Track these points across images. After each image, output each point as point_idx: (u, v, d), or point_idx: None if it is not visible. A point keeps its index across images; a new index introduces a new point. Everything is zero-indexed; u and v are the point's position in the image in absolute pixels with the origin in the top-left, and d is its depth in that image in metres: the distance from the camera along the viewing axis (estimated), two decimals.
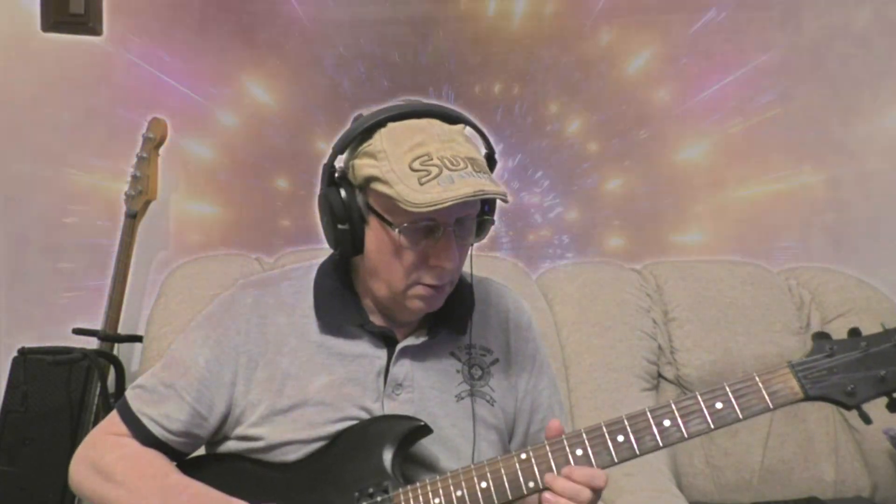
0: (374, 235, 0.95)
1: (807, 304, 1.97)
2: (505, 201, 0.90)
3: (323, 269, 1.07)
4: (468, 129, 0.98)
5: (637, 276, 1.99)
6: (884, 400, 0.86)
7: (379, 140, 0.91)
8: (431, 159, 0.88)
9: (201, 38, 2.07)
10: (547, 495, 0.85)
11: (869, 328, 0.88)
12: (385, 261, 0.95)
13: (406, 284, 0.95)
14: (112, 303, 1.89)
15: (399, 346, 1.01)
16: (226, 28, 2.09)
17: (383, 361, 1.01)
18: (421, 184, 0.86)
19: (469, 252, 1.03)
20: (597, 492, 0.86)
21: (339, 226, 0.95)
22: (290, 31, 2.11)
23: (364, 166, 0.92)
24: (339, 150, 0.96)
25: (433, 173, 0.87)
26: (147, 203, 1.95)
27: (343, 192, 0.95)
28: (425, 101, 0.97)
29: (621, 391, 1.75)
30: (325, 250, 1.10)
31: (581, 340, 1.83)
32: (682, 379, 1.85)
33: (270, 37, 2.11)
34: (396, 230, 0.91)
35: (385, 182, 0.89)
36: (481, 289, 1.11)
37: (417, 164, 0.88)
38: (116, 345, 1.91)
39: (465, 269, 1.08)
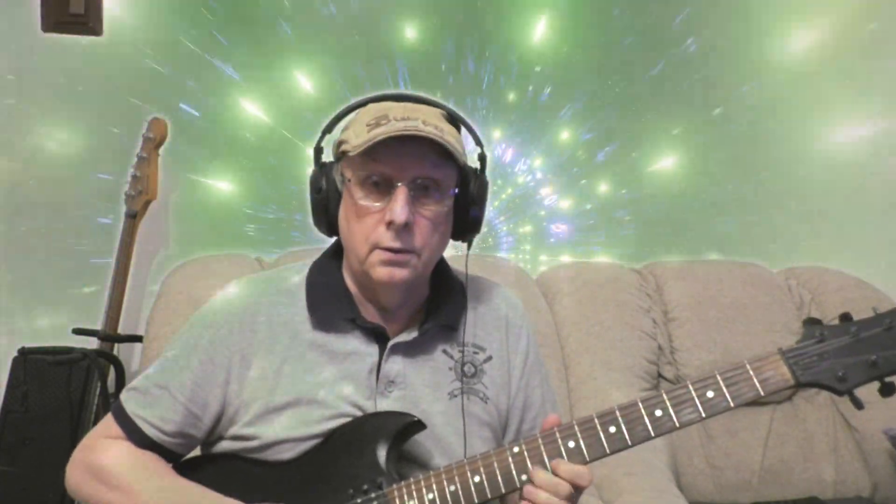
0: (344, 204, 0.99)
1: (807, 304, 1.97)
2: (443, 146, 0.91)
3: (316, 266, 1.07)
4: (462, 130, 1.02)
5: (637, 276, 1.99)
6: (878, 396, 0.84)
7: (356, 116, 0.99)
8: (387, 117, 0.93)
9: (202, 37, 2.07)
10: (528, 486, 0.86)
11: None
12: (350, 226, 0.97)
13: (367, 248, 0.96)
14: (112, 302, 1.89)
15: (390, 343, 1.01)
16: (227, 28, 2.08)
17: (375, 358, 1.00)
18: (367, 132, 0.92)
19: (466, 251, 1.06)
20: (579, 489, 0.86)
21: (314, 195, 1.01)
22: (297, 32, 2.11)
23: (339, 138, 0.99)
24: (326, 131, 1.02)
25: (381, 124, 0.92)
26: (147, 203, 1.95)
27: (324, 169, 1.01)
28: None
29: (621, 391, 1.75)
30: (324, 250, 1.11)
31: (581, 340, 1.83)
32: (682, 379, 1.85)
33: (272, 36, 2.10)
34: (353, 184, 0.95)
35: (346, 141, 0.96)
36: (474, 287, 1.11)
37: (371, 121, 0.93)
38: (116, 345, 1.91)
39: (460, 268, 1.09)
